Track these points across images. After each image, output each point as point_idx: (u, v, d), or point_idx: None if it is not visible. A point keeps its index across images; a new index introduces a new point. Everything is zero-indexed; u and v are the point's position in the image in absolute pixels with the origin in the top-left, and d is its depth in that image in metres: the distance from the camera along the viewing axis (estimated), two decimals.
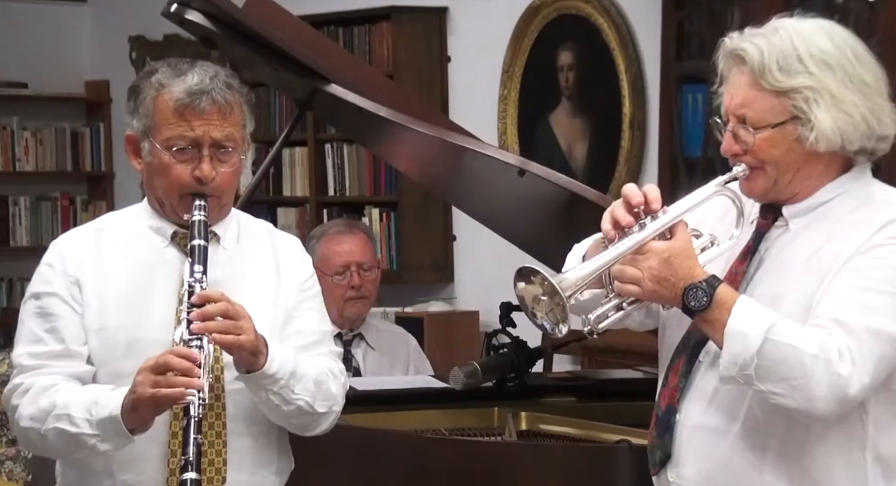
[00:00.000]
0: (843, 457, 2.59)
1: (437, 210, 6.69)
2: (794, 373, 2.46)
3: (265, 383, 2.76)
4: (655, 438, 2.72)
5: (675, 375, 2.70)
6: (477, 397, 4.02)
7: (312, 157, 7.08)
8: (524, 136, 6.42)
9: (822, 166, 2.63)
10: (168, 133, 2.78)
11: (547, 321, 2.55)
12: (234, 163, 2.83)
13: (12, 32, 8.38)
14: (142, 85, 2.85)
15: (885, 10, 4.75)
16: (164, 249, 2.87)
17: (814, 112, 2.56)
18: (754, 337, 2.47)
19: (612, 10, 6.00)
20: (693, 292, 2.52)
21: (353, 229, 4.90)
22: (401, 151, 4.54)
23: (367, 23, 6.79)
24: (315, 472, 3.74)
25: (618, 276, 2.56)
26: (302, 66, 4.04)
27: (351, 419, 3.91)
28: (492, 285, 6.20)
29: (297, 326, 2.91)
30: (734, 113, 2.63)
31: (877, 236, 2.55)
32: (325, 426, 2.91)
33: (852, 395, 2.48)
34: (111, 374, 2.79)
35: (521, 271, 2.56)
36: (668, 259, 2.53)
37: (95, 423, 2.71)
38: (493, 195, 4.25)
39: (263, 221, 3.07)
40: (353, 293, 4.77)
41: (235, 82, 2.84)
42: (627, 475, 3.25)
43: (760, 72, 2.58)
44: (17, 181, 8.55)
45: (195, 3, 4.00)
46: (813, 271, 2.57)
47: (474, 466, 3.57)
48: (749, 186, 2.66)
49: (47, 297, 2.83)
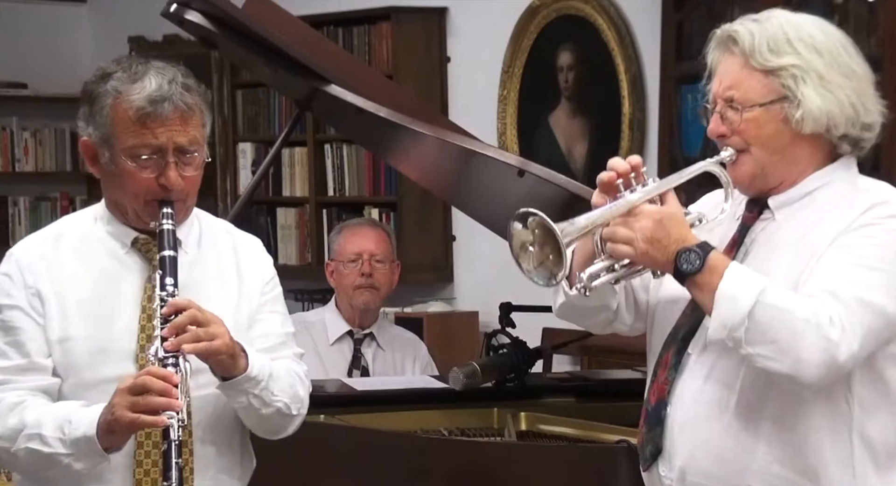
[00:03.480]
0: (831, 436, 2.60)
1: (437, 210, 6.69)
2: (784, 336, 2.47)
3: (247, 387, 2.73)
4: (646, 433, 2.73)
5: (664, 369, 2.71)
6: (477, 397, 4.02)
7: (312, 157, 7.08)
8: (524, 136, 6.42)
9: (808, 151, 2.66)
10: (131, 142, 2.72)
11: (536, 275, 2.54)
12: (199, 165, 2.78)
13: (12, 32, 8.38)
14: (97, 91, 2.77)
15: (885, 10, 4.75)
16: (125, 255, 2.81)
17: (801, 90, 2.59)
18: (746, 300, 2.48)
19: (611, 10, 6.00)
20: (686, 255, 2.53)
21: (374, 225, 5.09)
22: (400, 151, 4.54)
23: (367, 23, 6.78)
24: (315, 472, 3.74)
25: (610, 236, 2.57)
26: (302, 66, 4.04)
27: (351, 419, 3.92)
28: (492, 286, 6.20)
29: (261, 329, 2.87)
30: (722, 96, 2.66)
31: (864, 216, 2.58)
32: (292, 428, 2.88)
33: (841, 361, 2.48)
34: (76, 385, 2.75)
35: (518, 213, 2.56)
36: (660, 221, 2.55)
37: (69, 442, 2.65)
38: (493, 195, 4.25)
39: (222, 220, 3.02)
40: (363, 281, 4.83)
41: (192, 82, 2.77)
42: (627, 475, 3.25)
43: (751, 52, 2.63)
44: (16, 181, 8.54)
45: (195, 3, 4.00)
46: (801, 252, 2.60)
47: (474, 466, 3.57)
48: (736, 172, 2.68)
49: (8, 310, 2.77)
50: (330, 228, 6.32)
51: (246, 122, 7.53)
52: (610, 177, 2.60)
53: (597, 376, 4.57)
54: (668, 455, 2.69)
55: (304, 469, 3.75)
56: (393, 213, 6.75)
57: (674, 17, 5.53)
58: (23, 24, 8.45)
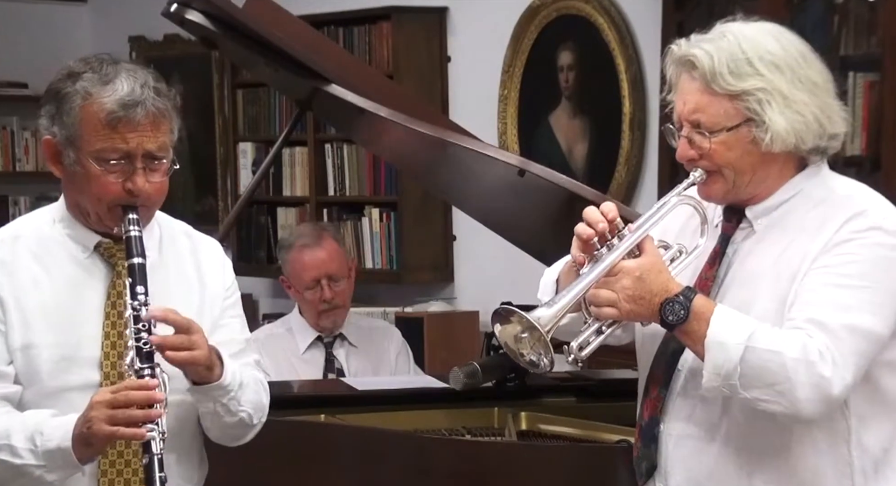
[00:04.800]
0: (829, 454, 2.61)
1: (437, 210, 6.69)
2: (778, 378, 2.48)
3: (216, 395, 2.70)
4: (641, 448, 2.74)
5: (656, 385, 2.72)
6: (477, 397, 4.02)
7: (312, 157, 7.08)
8: (524, 136, 6.41)
9: (777, 167, 2.66)
10: (99, 145, 2.66)
11: (533, 355, 2.56)
12: (166, 171, 2.72)
13: (12, 32, 8.37)
14: (65, 90, 2.70)
15: (885, 10, 4.75)
16: (86, 259, 2.76)
17: (767, 114, 2.58)
18: (735, 346, 2.49)
19: (612, 10, 5.99)
20: (670, 307, 2.53)
21: (320, 239, 4.82)
22: (400, 150, 4.54)
23: (367, 23, 6.78)
24: (315, 472, 3.74)
25: (593, 300, 2.56)
26: (302, 66, 4.04)
27: (351, 419, 3.92)
28: (492, 285, 6.21)
29: (224, 335, 2.82)
30: (687, 119, 2.65)
31: (841, 232, 2.58)
32: (249, 437, 2.86)
33: (836, 395, 2.50)
34: (38, 393, 2.69)
35: (497, 313, 2.57)
36: (640, 277, 2.54)
37: (41, 454, 2.60)
38: (494, 195, 4.25)
39: (181, 222, 2.94)
40: (326, 306, 4.78)
41: (163, 86, 2.71)
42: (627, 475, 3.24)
43: (712, 76, 2.61)
44: (17, 181, 8.54)
45: (195, 3, 4.00)
46: (781, 274, 2.59)
47: (474, 466, 3.57)
48: (707, 191, 2.67)
49: None
50: None
51: (246, 121, 7.53)
52: (588, 234, 2.58)
53: (597, 376, 4.56)
54: (663, 473, 2.70)
55: (305, 469, 3.75)
56: (393, 213, 6.75)
57: (674, 17, 5.52)
58: (23, 24, 8.44)
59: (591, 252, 2.58)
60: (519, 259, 4.52)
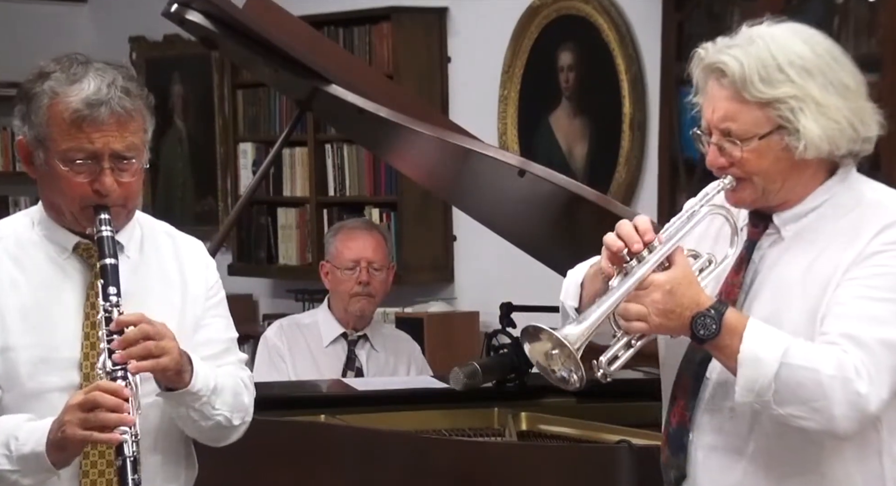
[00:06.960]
0: (861, 466, 2.57)
1: (437, 210, 6.69)
2: (814, 395, 2.44)
3: (187, 400, 2.67)
4: (669, 456, 2.68)
5: (684, 393, 2.66)
6: (477, 397, 4.02)
7: (312, 157, 7.07)
8: (524, 136, 6.41)
9: (810, 173, 2.60)
10: (65, 145, 2.63)
11: (564, 372, 2.52)
12: (137, 171, 2.68)
13: (12, 32, 8.37)
14: (34, 90, 2.67)
15: (885, 10, 4.75)
16: (64, 260, 2.73)
17: (800, 121, 2.52)
18: (770, 363, 2.44)
19: (612, 10, 5.99)
20: (702, 321, 2.47)
21: (370, 228, 5.00)
22: (401, 151, 4.55)
23: (367, 23, 6.78)
24: (315, 472, 3.74)
25: (623, 314, 2.50)
26: (302, 66, 4.04)
27: (351, 419, 3.92)
28: (492, 286, 6.20)
29: (205, 335, 2.79)
30: (717, 126, 2.58)
31: (874, 243, 2.53)
32: (236, 437, 2.82)
33: (872, 411, 2.46)
34: (17, 396, 2.67)
35: (525, 331, 2.52)
36: (671, 290, 2.48)
37: (16, 459, 2.59)
38: (494, 195, 4.25)
39: (163, 222, 2.91)
40: (360, 289, 4.82)
41: (134, 86, 2.67)
42: (627, 475, 3.25)
43: (742, 84, 2.53)
44: (17, 181, 8.51)
45: (195, 3, 4.01)
46: (811, 285, 2.54)
47: (474, 466, 3.57)
48: (736, 198, 2.62)
49: None
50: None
51: (246, 122, 7.52)
52: (618, 247, 2.51)
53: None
54: (693, 483, 2.66)
55: (305, 469, 3.75)
56: (393, 213, 6.75)
57: (674, 17, 5.53)
58: (23, 24, 8.44)
59: (620, 264, 2.52)
60: (519, 259, 4.53)
